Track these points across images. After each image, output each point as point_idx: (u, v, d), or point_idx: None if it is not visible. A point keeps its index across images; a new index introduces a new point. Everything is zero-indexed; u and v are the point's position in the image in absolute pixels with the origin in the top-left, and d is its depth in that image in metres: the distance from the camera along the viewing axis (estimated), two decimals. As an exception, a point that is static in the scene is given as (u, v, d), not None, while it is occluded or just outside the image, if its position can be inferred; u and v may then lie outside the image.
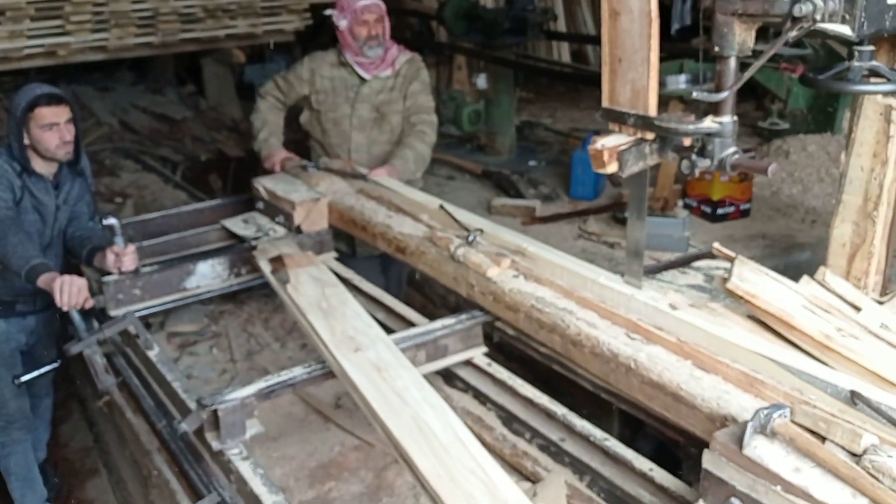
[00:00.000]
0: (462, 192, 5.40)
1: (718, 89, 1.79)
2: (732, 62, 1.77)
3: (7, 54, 6.22)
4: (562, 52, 8.95)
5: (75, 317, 2.59)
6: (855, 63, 1.93)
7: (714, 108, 1.81)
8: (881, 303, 2.04)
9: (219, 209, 3.54)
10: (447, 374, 2.53)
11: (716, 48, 1.76)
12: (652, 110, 1.89)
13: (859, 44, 1.89)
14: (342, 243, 3.47)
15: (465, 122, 5.95)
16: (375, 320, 2.43)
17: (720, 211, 4.75)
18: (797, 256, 4.25)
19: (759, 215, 4.84)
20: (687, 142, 1.90)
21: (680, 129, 1.84)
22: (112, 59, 7.16)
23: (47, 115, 2.83)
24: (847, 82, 1.96)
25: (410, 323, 2.65)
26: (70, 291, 2.55)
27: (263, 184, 3.34)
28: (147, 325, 2.90)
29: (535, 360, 2.54)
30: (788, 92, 5.98)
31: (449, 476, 1.72)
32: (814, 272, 2.05)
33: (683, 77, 4.79)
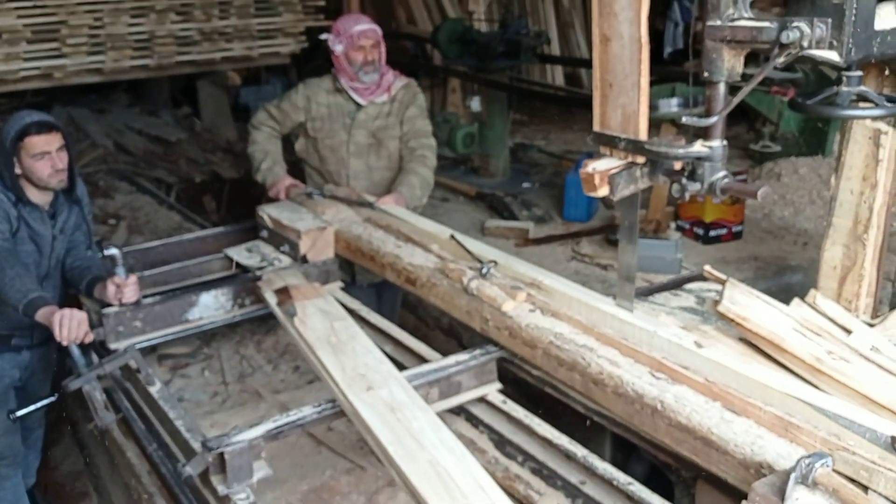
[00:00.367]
0: (456, 214, 5.42)
1: (708, 114, 1.80)
2: (722, 87, 1.79)
3: (3, 76, 6.25)
4: (555, 75, 9.02)
5: (75, 351, 2.51)
6: (843, 88, 1.94)
7: (704, 133, 1.82)
8: (872, 325, 2.05)
9: (221, 237, 3.45)
10: (458, 409, 2.44)
11: (705, 74, 1.78)
12: (642, 134, 1.90)
13: (847, 69, 1.91)
14: (342, 271, 3.42)
15: (459, 145, 5.98)
16: (384, 354, 2.36)
17: (712, 233, 4.77)
18: (789, 279, 4.26)
19: (751, 237, 4.86)
20: (677, 165, 1.91)
21: (670, 154, 1.85)
22: (108, 82, 7.19)
23: (38, 144, 2.73)
24: (836, 107, 1.98)
25: (419, 356, 2.57)
26: (70, 325, 2.47)
27: (268, 212, 3.24)
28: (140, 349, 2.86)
29: (528, 384, 2.53)
30: (780, 115, 6.03)
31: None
32: (805, 294, 2.06)
33: (675, 100, 4.86)
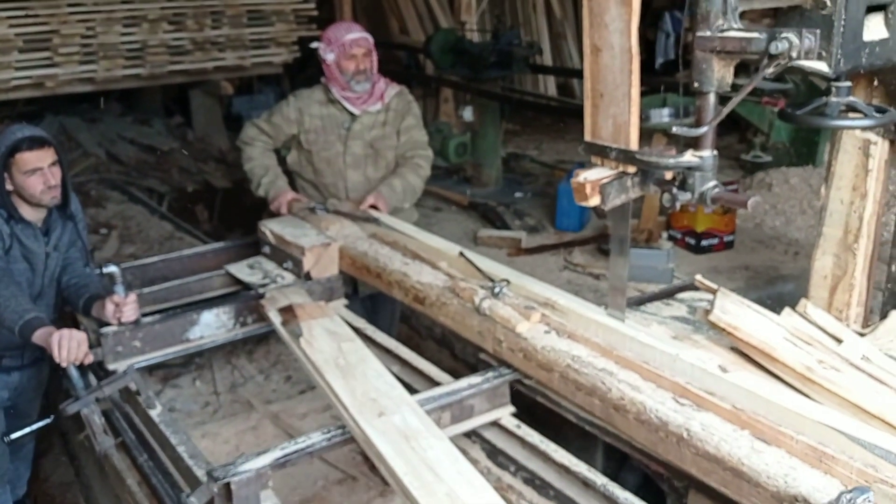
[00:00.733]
0: (448, 224, 5.42)
1: (698, 124, 1.81)
2: (712, 98, 1.79)
3: (-6, 85, 6.24)
4: (548, 85, 9.05)
5: (73, 373, 2.43)
6: (832, 98, 1.95)
7: (694, 143, 1.83)
8: (863, 335, 2.05)
9: (222, 253, 3.40)
10: (470, 434, 2.37)
11: (695, 84, 1.79)
12: (633, 144, 1.91)
13: (836, 80, 1.92)
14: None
15: (452, 154, 5.99)
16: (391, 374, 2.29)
17: (704, 243, 4.78)
18: (780, 288, 4.27)
19: (743, 247, 4.88)
20: (668, 175, 1.92)
21: (661, 163, 1.86)
22: (100, 91, 7.18)
23: (30, 160, 2.64)
24: (825, 117, 1.99)
25: (426, 375, 2.51)
26: (69, 346, 2.39)
27: (270, 227, 3.17)
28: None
29: (520, 393, 2.53)
30: (770, 125, 6.06)
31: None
32: (796, 304, 2.07)
33: (666, 110, 4.88)
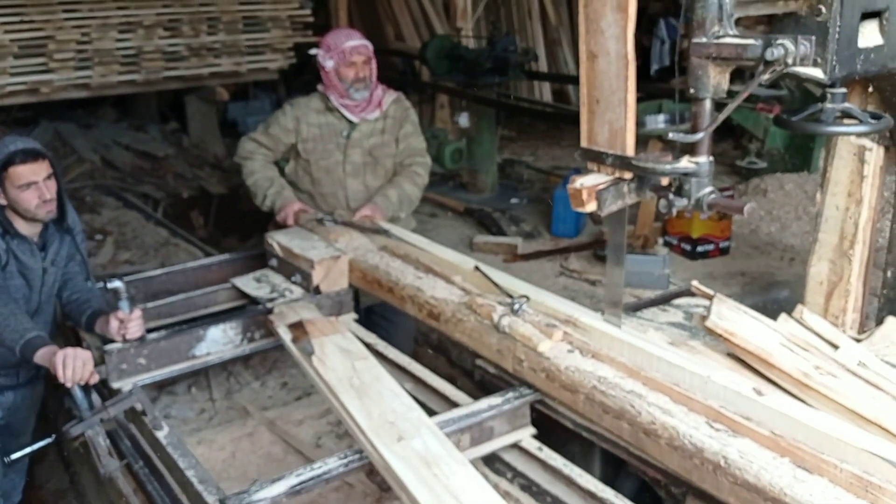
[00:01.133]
0: (444, 230, 5.42)
1: (694, 130, 1.81)
2: (708, 104, 1.80)
3: (-11, 91, 6.23)
4: (543, 92, 9.07)
5: (77, 394, 2.34)
6: (828, 105, 1.96)
7: (690, 149, 1.83)
8: (859, 341, 2.06)
9: (227, 265, 3.31)
10: (489, 456, 2.28)
11: (691, 90, 1.79)
12: (629, 150, 1.91)
13: (832, 86, 1.92)
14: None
15: (448, 160, 6.00)
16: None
17: (700, 249, 4.80)
18: (776, 294, 4.28)
19: (739, 253, 4.89)
20: (664, 181, 1.92)
21: (657, 169, 1.86)
22: (95, 97, 7.17)
23: (24, 174, 2.55)
24: (820, 124, 1.99)
25: (438, 392, 2.43)
26: (74, 366, 2.31)
27: (277, 239, 3.08)
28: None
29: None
30: (766, 131, 6.08)
31: None
32: (792, 310, 2.07)
33: (662, 117, 4.89)
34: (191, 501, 2.01)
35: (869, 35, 1.82)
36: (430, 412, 2.14)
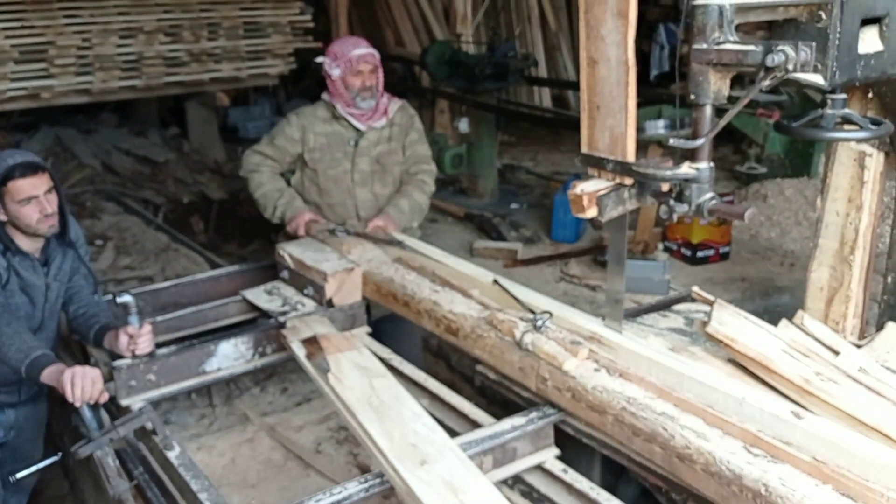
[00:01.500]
0: (444, 235, 5.42)
1: (695, 136, 1.82)
2: (708, 110, 1.80)
3: (-10, 97, 6.23)
4: (543, 97, 9.08)
5: (86, 413, 2.27)
6: (828, 111, 1.96)
7: (691, 155, 1.84)
8: (859, 346, 2.05)
9: (236, 277, 3.22)
10: (511, 479, 2.20)
11: (692, 96, 1.79)
12: (630, 156, 1.91)
13: (832, 92, 1.93)
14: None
15: (448, 166, 6.00)
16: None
17: (700, 254, 4.80)
18: (776, 300, 4.28)
19: (739, 258, 4.89)
20: (665, 187, 1.92)
21: (657, 175, 1.86)
22: (96, 102, 7.18)
23: (24, 188, 2.47)
24: (820, 129, 1.99)
25: (459, 412, 2.34)
26: (83, 385, 2.23)
27: (289, 251, 3.00)
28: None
29: (518, 406, 2.52)
30: (765, 137, 6.09)
31: None
32: (793, 315, 2.07)
33: (662, 122, 4.90)
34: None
35: (869, 41, 1.83)
36: (448, 430, 2.09)
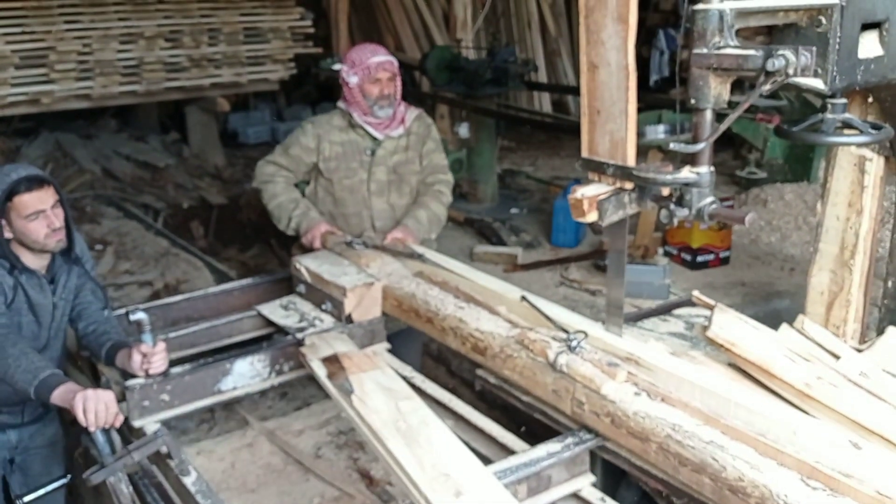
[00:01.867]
0: (445, 240, 5.38)
1: (695, 140, 1.82)
2: (708, 114, 1.80)
3: (-10, 102, 6.25)
4: (543, 102, 9.09)
5: (99, 438, 2.17)
6: (828, 115, 1.96)
7: (691, 159, 1.84)
8: (860, 350, 2.05)
9: (249, 290, 3.12)
10: None
11: (692, 101, 1.80)
12: (630, 160, 1.91)
13: (832, 96, 1.93)
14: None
15: (448, 171, 6.00)
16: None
17: (700, 259, 4.79)
18: (776, 304, 4.28)
19: (739, 263, 4.89)
20: (665, 191, 1.93)
21: (658, 180, 1.86)
22: (96, 107, 7.19)
23: (30, 203, 2.38)
24: (821, 134, 1.99)
25: (477, 428, 2.26)
26: (96, 409, 2.13)
27: (306, 264, 2.90)
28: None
29: (518, 409, 2.52)
30: (765, 142, 6.10)
31: None
32: (793, 320, 2.07)
33: (662, 127, 4.90)
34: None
35: (869, 46, 1.83)
36: (475, 452, 2.01)
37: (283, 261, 5.93)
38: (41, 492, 2.36)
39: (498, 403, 2.69)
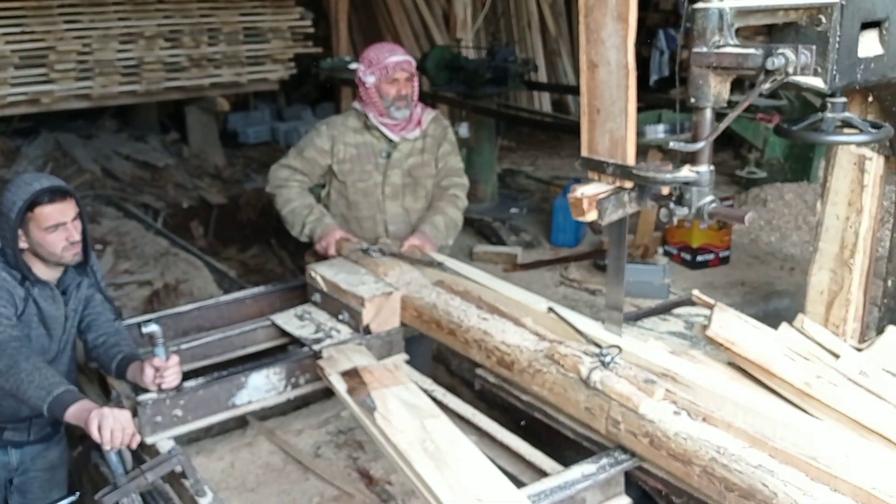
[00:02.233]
0: (444, 240, 5.42)
1: (695, 139, 1.82)
2: (708, 113, 1.80)
3: (-10, 102, 6.25)
4: (542, 102, 9.09)
5: (112, 458, 2.10)
6: (828, 114, 1.96)
7: (691, 158, 1.84)
8: (860, 350, 2.05)
9: (262, 298, 3.04)
10: None
11: (692, 100, 1.79)
12: (630, 159, 1.91)
13: (832, 95, 1.93)
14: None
15: (448, 170, 5.99)
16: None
17: (700, 258, 4.79)
18: (776, 303, 4.28)
19: (739, 262, 4.89)
20: (665, 190, 1.92)
21: (658, 179, 1.86)
22: (96, 107, 7.20)
23: (52, 215, 2.32)
24: (820, 133, 1.99)
25: (514, 452, 2.16)
26: (113, 429, 2.05)
27: (321, 272, 2.82)
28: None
29: (517, 409, 2.52)
30: (765, 141, 6.10)
31: None
32: (793, 319, 2.07)
33: (662, 127, 4.91)
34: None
35: (869, 45, 1.83)
36: (502, 471, 1.94)
37: (283, 261, 5.96)
38: None
39: (497, 403, 2.69)
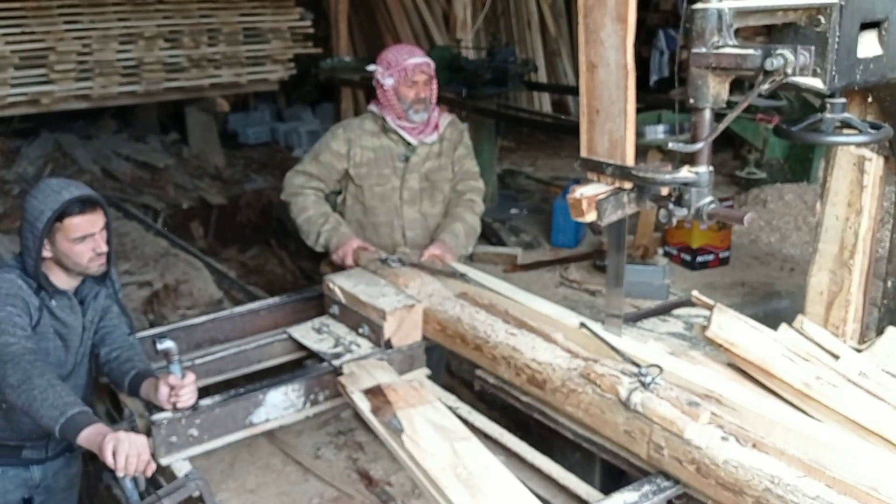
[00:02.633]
0: (444, 240, 5.42)
1: (694, 140, 1.82)
2: (707, 114, 1.80)
3: (-10, 102, 6.25)
4: (542, 102, 9.09)
5: (127, 485, 2.01)
6: (827, 115, 1.96)
7: (690, 159, 1.84)
8: (859, 350, 2.05)
9: (277, 310, 2.96)
10: None
11: (691, 100, 1.80)
12: (629, 160, 1.92)
13: (831, 96, 1.93)
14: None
15: (448, 171, 5.99)
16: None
17: (700, 259, 4.79)
18: (776, 304, 4.27)
19: (738, 263, 4.88)
20: (665, 191, 1.93)
21: (657, 179, 1.86)
22: (95, 108, 7.20)
23: (81, 226, 2.23)
24: (820, 133, 1.99)
25: (546, 474, 2.06)
26: (128, 454, 1.95)
27: (339, 284, 2.73)
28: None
29: (517, 410, 2.52)
30: (765, 142, 6.09)
31: None
32: (792, 320, 2.07)
33: (661, 127, 4.90)
34: None
35: (868, 45, 1.83)
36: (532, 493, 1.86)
37: (283, 261, 5.96)
38: None
39: (497, 404, 2.69)
